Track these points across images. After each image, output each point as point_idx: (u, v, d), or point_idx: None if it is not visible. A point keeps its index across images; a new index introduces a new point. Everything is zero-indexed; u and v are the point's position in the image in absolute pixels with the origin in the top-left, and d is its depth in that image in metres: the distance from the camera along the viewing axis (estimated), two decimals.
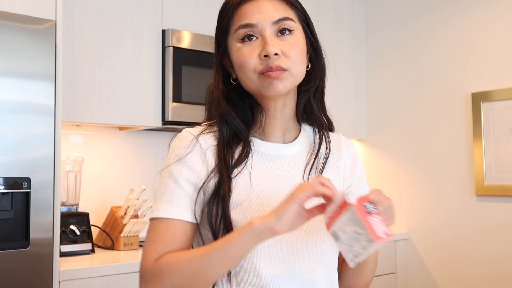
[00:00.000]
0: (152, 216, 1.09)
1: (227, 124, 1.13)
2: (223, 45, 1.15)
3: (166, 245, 1.05)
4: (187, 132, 1.13)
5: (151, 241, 1.07)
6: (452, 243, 3.06)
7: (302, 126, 1.22)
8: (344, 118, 3.35)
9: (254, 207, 1.08)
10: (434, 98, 3.20)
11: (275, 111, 1.14)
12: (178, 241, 1.06)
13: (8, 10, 1.90)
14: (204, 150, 1.10)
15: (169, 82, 2.58)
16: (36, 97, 1.91)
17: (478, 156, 2.97)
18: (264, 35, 1.08)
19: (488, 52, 2.98)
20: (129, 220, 2.49)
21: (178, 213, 1.07)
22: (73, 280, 2.01)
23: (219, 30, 1.16)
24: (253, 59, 1.08)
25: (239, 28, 1.10)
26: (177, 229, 1.06)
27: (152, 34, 2.60)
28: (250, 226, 0.97)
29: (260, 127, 1.15)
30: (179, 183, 1.08)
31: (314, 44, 1.16)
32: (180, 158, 1.09)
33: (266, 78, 1.08)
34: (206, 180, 1.08)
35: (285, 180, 1.13)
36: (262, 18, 1.09)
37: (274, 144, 1.16)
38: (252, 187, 1.10)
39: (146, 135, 2.90)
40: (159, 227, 1.07)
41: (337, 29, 3.38)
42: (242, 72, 1.10)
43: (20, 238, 1.86)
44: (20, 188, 1.85)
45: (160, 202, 1.08)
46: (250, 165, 1.11)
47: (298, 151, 1.18)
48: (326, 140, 1.20)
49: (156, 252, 1.05)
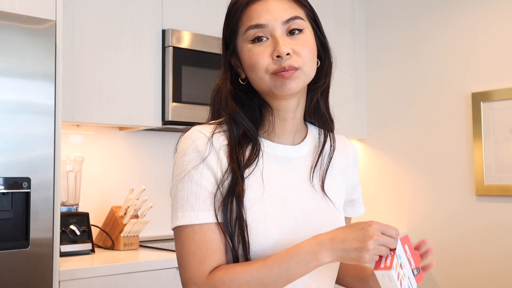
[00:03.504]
0: (180, 224, 1.04)
1: (237, 124, 1.12)
2: (232, 45, 1.14)
3: (210, 254, 1.03)
4: (198, 131, 1.10)
5: (192, 253, 1.03)
6: (452, 243, 3.06)
7: (308, 126, 1.22)
8: (344, 118, 3.35)
9: (266, 209, 1.08)
10: (434, 98, 3.20)
11: (287, 112, 1.14)
12: (218, 246, 1.04)
13: (8, 10, 1.89)
14: (217, 150, 1.09)
15: (169, 82, 2.58)
16: (36, 97, 1.90)
17: (478, 156, 2.97)
18: (275, 35, 1.08)
19: (488, 52, 2.98)
20: (129, 220, 2.49)
21: (210, 216, 1.05)
22: (73, 280, 2.01)
23: (228, 31, 1.15)
24: (265, 59, 1.07)
25: (248, 28, 1.09)
26: (213, 233, 1.04)
27: (152, 34, 2.60)
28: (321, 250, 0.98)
29: (270, 127, 1.14)
30: (202, 185, 1.06)
31: (322, 41, 1.16)
32: (199, 161, 1.07)
33: (278, 78, 1.07)
34: (222, 180, 1.07)
35: (294, 183, 1.13)
36: (272, 18, 1.08)
37: (283, 146, 1.15)
38: (265, 188, 1.09)
39: (146, 135, 2.90)
40: (194, 236, 1.03)
41: (337, 29, 3.39)
42: (254, 72, 1.09)
43: (20, 238, 1.86)
44: (20, 188, 1.85)
45: (185, 208, 1.05)
46: (261, 165, 1.11)
47: (306, 152, 1.18)
48: (330, 140, 1.20)
49: (204, 266, 1.02)
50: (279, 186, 1.11)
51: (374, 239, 0.95)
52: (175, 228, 1.06)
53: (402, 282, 0.97)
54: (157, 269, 2.22)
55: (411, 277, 1.00)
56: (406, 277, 0.99)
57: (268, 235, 1.05)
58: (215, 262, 1.03)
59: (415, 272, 1.02)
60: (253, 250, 1.05)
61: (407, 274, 0.99)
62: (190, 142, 1.09)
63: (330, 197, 1.16)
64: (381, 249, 0.96)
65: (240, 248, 1.05)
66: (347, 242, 0.97)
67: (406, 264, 0.99)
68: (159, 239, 2.76)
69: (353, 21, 3.51)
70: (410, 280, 1.00)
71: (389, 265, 0.95)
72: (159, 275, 2.22)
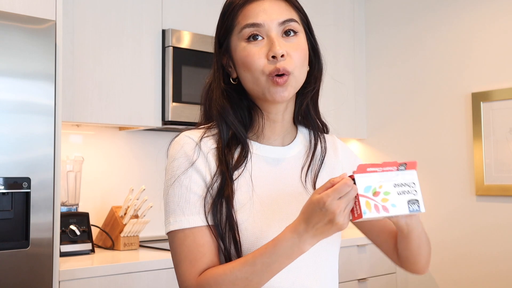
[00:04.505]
0: (172, 229, 1.06)
1: (226, 125, 1.12)
2: (226, 44, 1.14)
3: (200, 257, 1.04)
4: (186, 137, 1.12)
5: (184, 257, 1.05)
6: (452, 243, 3.06)
7: (298, 128, 1.23)
8: (344, 118, 3.35)
9: (256, 209, 1.08)
10: (434, 98, 3.20)
11: (276, 114, 1.15)
12: (209, 248, 1.05)
13: (8, 10, 1.89)
14: (206, 154, 1.10)
15: (169, 82, 2.58)
16: (36, 97, 1.91)
17: (478, 156, 2.97)
18: (271, 36, 1.08)
19: (488, 52, 2.98)
20: (129, 220, 2.49)
21: (200, 219, 1.06)
22: (73, 280, 2.01)
23: (222, 29, 1.15)
24: (261, 60, 1.08)
25: (244, 27, 1.10)
26: (205, 236, 1.05)
27: (152, 34, 2.60)
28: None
29: (259, 130, 1.15)
30: (191, 190, 1.07)
31: (314, 46, 1.17)
32: (188, 166, 1.08)
33: (271, 84, 1.08)
34: (211, 183, 1.08)
35: (285, 183, 1.14)
36: (268, 19, 1.09)
37: (272, 147, 1.16)
38: (254, 189, 1.10)
39: (146, 135, 2.90)
40: (185, 240, 1.05)
41: (337, 30, 3.39)
42: (249, 72, 1.09)
43: (20, 238, 1.86)
44: (20, 188, 1.85)
45: (176, 213, 1.06)
46: (250, 167, 1.12)
47: (296, 153, 1.19)
48: (321, 141, 1.22)
49: (195, 268, 1.04)
50: (269, 187, 1.12)
51: (338, 211, 0.93)
52: (169, 233, 1.08)
53: (386, 204, 0.96)
54: (157, 269, 2.22)
55: (399, 179, 1.00)
56: (394, 192, 0.98)
57: (260, 235, 1.06)
58: (205, 264, 1.04)
59: (401, 168, 1.01)
60: (245, 251, 1.06)
61: (391, 186, 0.98)
62: (179, 147, 1.10)
63: None
64: (348, 207, 0.95)
65: (232, 248, 1.06)
66: (318, 225, 0.96)
67: (385, 182, 0.98)
68: (159, 239, 2.76)
69: (353, 21, 3.51)
70: (402, 183, 1.00)
71: (360, 212, 0.95)
72: (159, 275, 2.22)
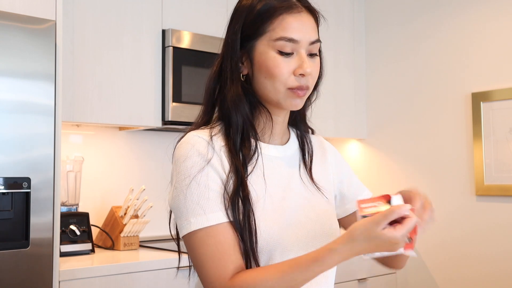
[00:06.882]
0: (194, 228, 1.04)
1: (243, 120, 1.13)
2: (251, 44, 1.13)
3: (228, 257, 1.03)
4: (196, 136, 1.11)
5: (210, 257, 1.03)
6: (452, 243, 3.06)
7: (289, 128, 1.28)
8: (344, 118, 3.35)
9: (267, 207, 1.11)
10: (434, 98, 3.20)
11: (279, 116, 1.19)
12: (233, 245, 1.05)
13: (8, 10, 1.89)
14: (218, 152, 1.11)
15: (169, 82, 2.58)
16: (36, 97, 1.90)
17: (478, 156, 2.97)
18: (301, 53, 1.11)
19: (488, 52, 2.98)
20: (129, 220, 2.49)
21: (223, 215, 1.06)
22: (73, 280, 2.01)
23: (252, 29, 1.13)
24: (287, 74, 1.10)
25: (281, 39, 1.10)
26: (227, 233, 1.05)
27: (152, 34, 2.60)
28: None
29: (264, 129, 1.18)
30: (210, 187, 1.07)
31: (321, 63, 1.20)
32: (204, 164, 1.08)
33: (292, 94, 1.11)
34: (227, 180, 1.08)
35: (288, 180, 1.18)
36: (304, 37, 1.11)
37: (274, 146, 1.20)
38: (266, 187, 1.12)
39: (146, 135, 2.90)
40: (208, 240, 1.04)
41: (337, 29, 3.39)
42: (271, 80, 1.11)
43: (20, 238, 1.86)
44: (20, 188, 1.85)
45: (197, 212, 1.05)
46: (261, 165, 1.14)
47: (293, 152, 1.23)
48: (308, 140, 1.27)
49: (225, 269, 1.03)
50: (277, 184, 1.15)
51: (401, 242, 0.95)
52: (188, 234, 1.06)
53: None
54: (157, 269, 2.22)
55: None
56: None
57: (271, 232, 1.08)
58: (233, 264, 1.03)
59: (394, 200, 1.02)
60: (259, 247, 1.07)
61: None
62: (190, 146, 1.10)
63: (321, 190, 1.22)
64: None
65: (248, 245, 1.06)
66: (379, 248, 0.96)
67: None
68: (159, 239, 2.76)
69: (353, 21, 3.51)
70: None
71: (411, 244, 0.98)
72: (159, 275, 2.22)
